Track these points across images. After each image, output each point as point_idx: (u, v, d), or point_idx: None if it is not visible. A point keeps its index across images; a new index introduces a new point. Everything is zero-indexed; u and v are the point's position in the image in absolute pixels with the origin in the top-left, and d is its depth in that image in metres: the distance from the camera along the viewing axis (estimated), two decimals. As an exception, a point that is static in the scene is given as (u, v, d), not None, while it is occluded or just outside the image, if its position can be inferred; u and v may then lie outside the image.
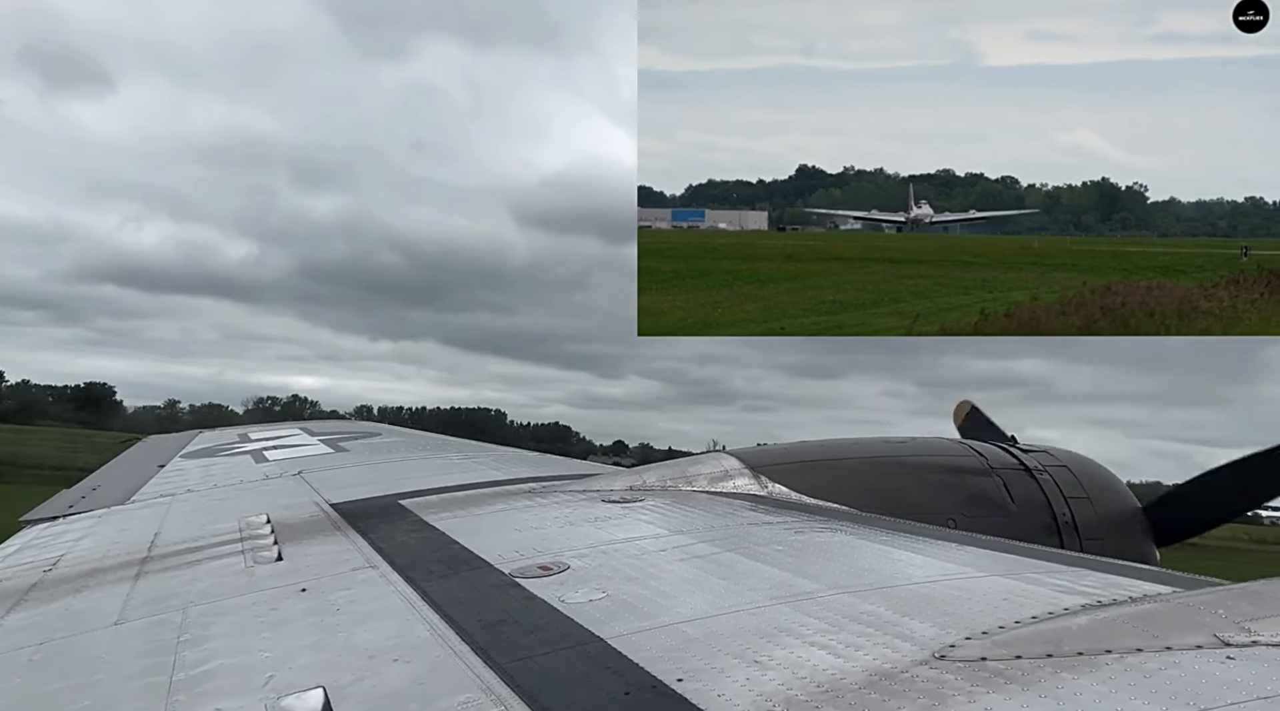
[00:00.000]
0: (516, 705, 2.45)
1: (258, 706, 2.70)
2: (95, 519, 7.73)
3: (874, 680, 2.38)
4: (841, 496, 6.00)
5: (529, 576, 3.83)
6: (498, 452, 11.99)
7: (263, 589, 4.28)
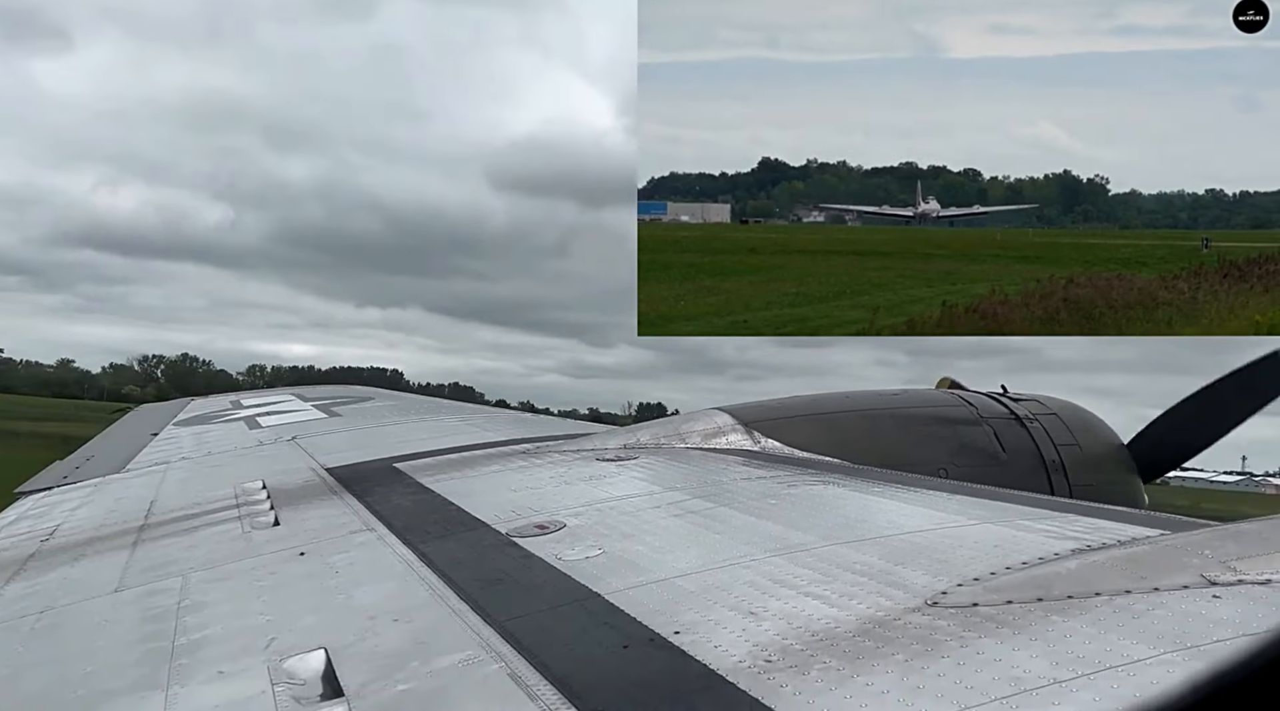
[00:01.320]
0: (516, 661, 2.48)
1: (260, 668, 2.73)
2: (91, 488, 7.74)
3: (868, 627, 2.42)
4: (834, 449, 6.05)
5: (525, 535, 3.86)
6: (490, 414, 12.02)
7: (261, 553, 4.30)
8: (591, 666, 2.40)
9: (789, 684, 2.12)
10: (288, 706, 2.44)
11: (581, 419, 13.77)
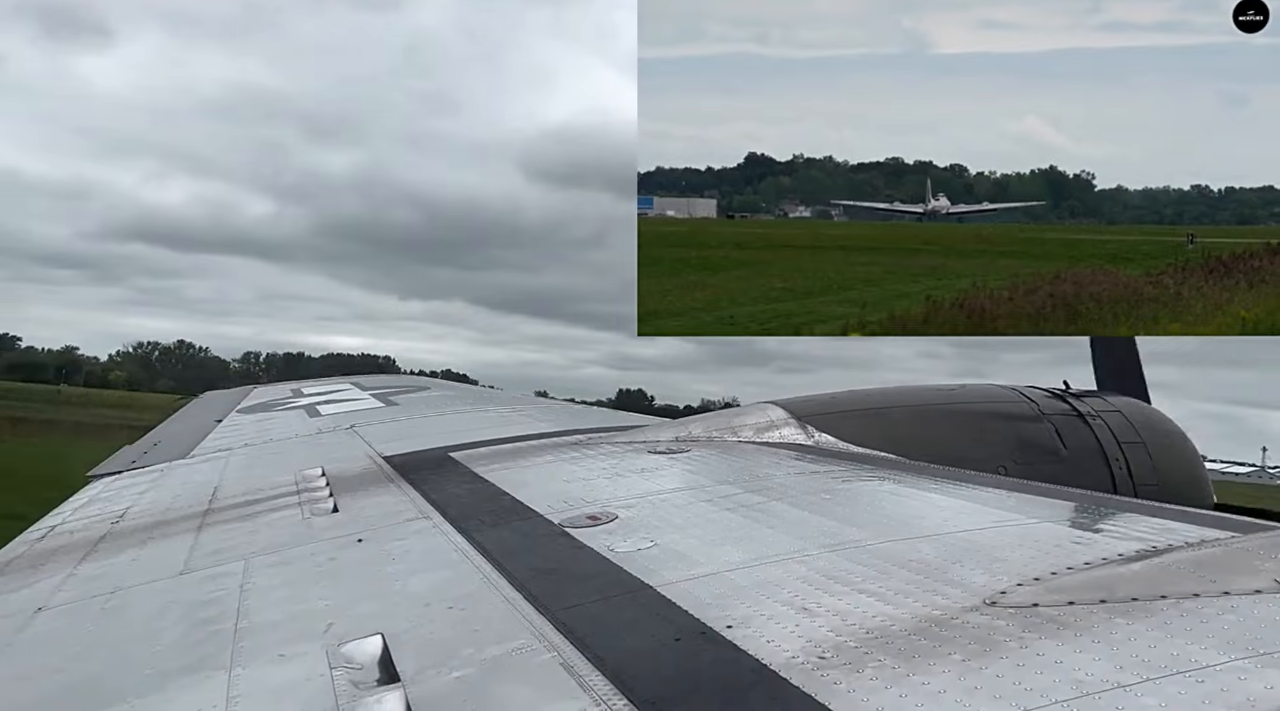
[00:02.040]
0: (568, 651, 2.49)
1: (319, 652, 2.78)
2: (158, 473, 7.97)
3: (924, 626, 2.38)
4: (889, 445, 5.97)
5: (578, 526, 3.88)
6: (544, 405, 12.10)
7: (320, 539, 4.39)
8: (643, 658, 2.40)
9: (843, 681, 2.10)
10: (345, 690, 2.48)
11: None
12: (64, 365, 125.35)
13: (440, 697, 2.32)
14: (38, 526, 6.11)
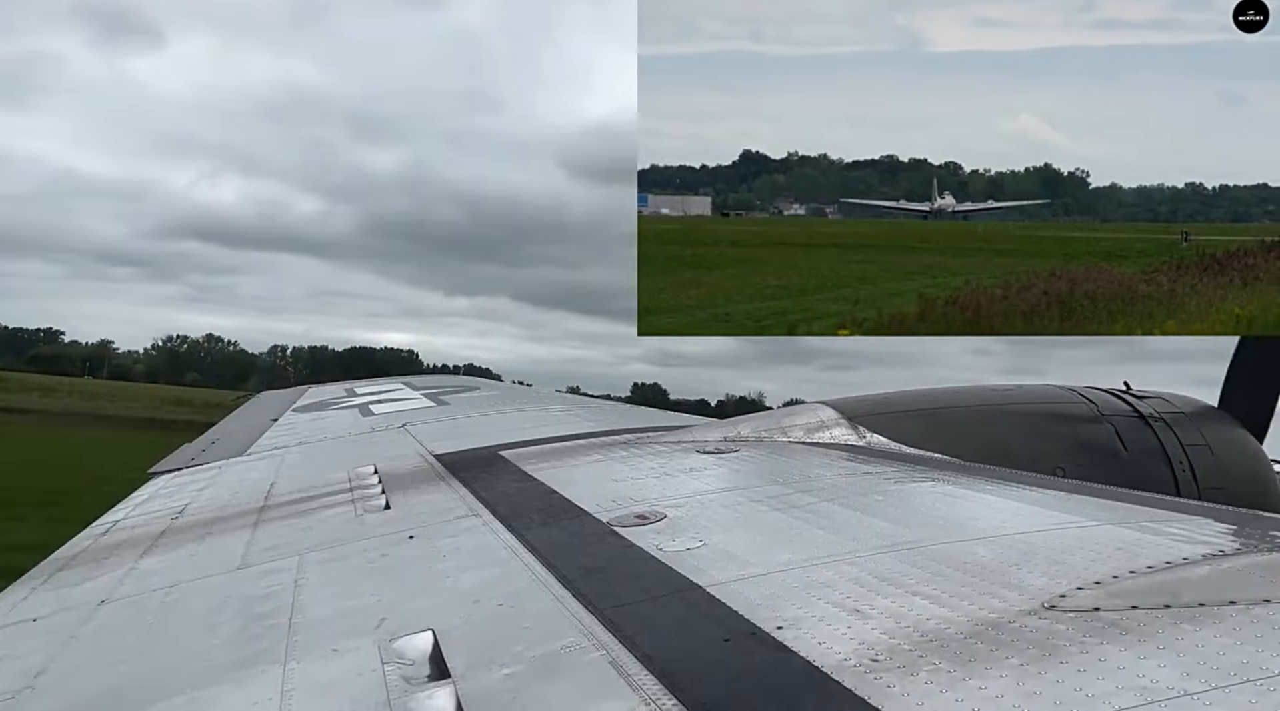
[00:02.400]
0: (617, 649, 2.49)
1: (371, 648, 2.81)
2: (216, 470, 8.15)
3: (980, 629, 2.33)
4: (943, 445, 5.86)
5: (626, 525, 3.87)
6: (593, 405, 12.14)
7: (372, 536, 4.44)
8: (693, 658, 2.38)
9: (896, 684, 2.06)
10: (397, 686, 2.50)
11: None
12: (90, 357, 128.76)
13: (490, 694, 2.33)
14: (102, 521, 6.29)
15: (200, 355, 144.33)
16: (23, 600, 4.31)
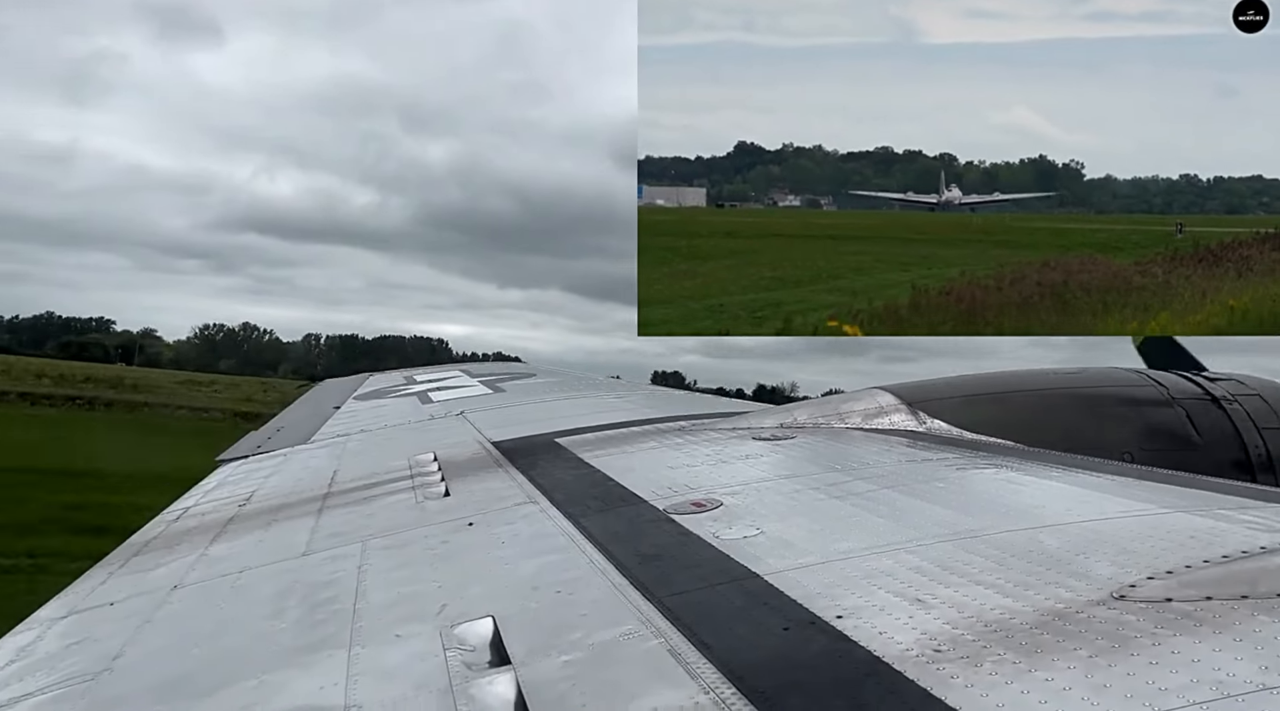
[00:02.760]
0: (676, 637, 2.49)
1: (433, 634, 2.86)
2: (281, 458, 8.34)
3: (1047, 620, 2.28)
4: (1006, 431, 5.74)
5: (683, 512, 3.87)
6: (648, 391, 12.15)
7: (432, 523, 4.51)
8: (751, 647, 2.37)
9: (960, 675, 2.03)
10: (459, 671, 2.54)
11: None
12: (121, 345, 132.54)
13: (550, 681, 2.35)
14: (173, 508, 6.48)
15: (236, 343, 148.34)
16: (101, 584, 4.46)
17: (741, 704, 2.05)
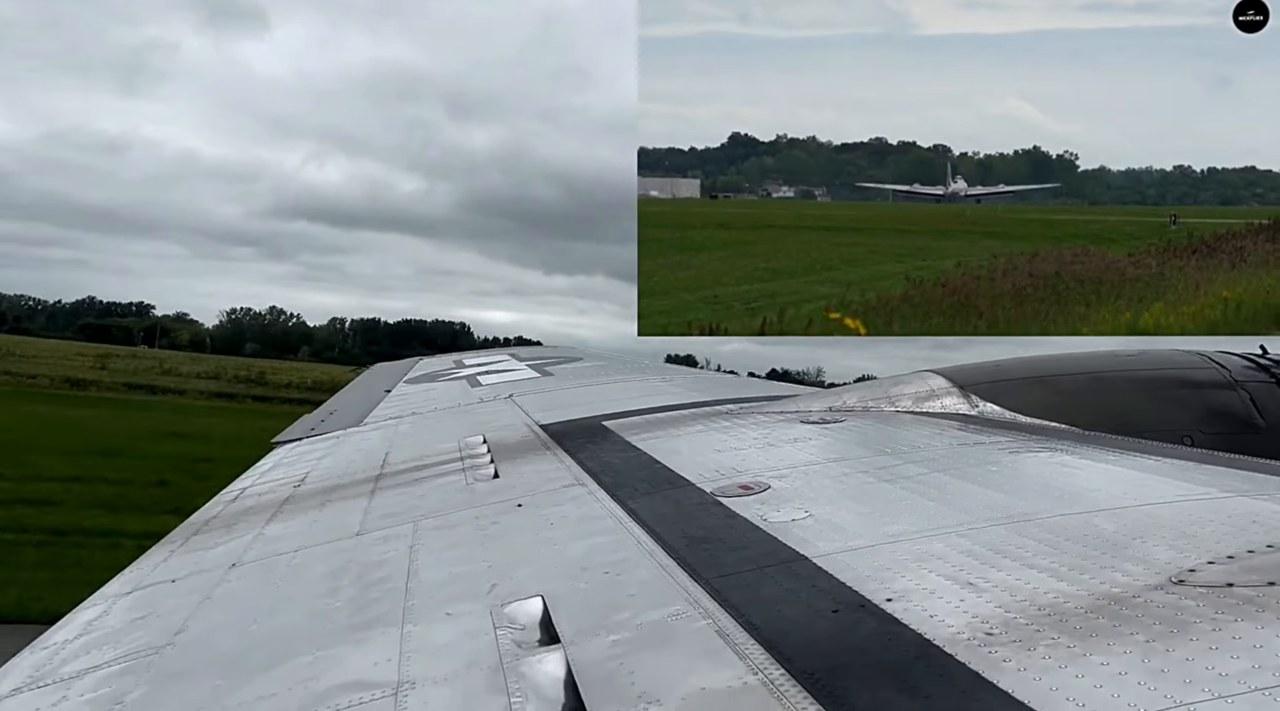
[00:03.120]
0: (724, 619, 2.49)
1: (484, 612, 2.89)
2: (334, 440, 8.49)
3: (1102, 604, 2.24)
4: (1061, 414, 5.63)
5: (730, 495, 3.86)
6: (694, 375, 12.14)
7: (482, 504, 4.56)
8: (800, 629, 2.36)
9: (1012, 658, 2.00)
10: (509, 650, 2.57)
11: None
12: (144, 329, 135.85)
13: (598, 660, 2.37)
14: (230, 488, 6.64)
15: (263, 326, 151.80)
16: (163, 562, 4.59)
17: (790, 685, 2.04)
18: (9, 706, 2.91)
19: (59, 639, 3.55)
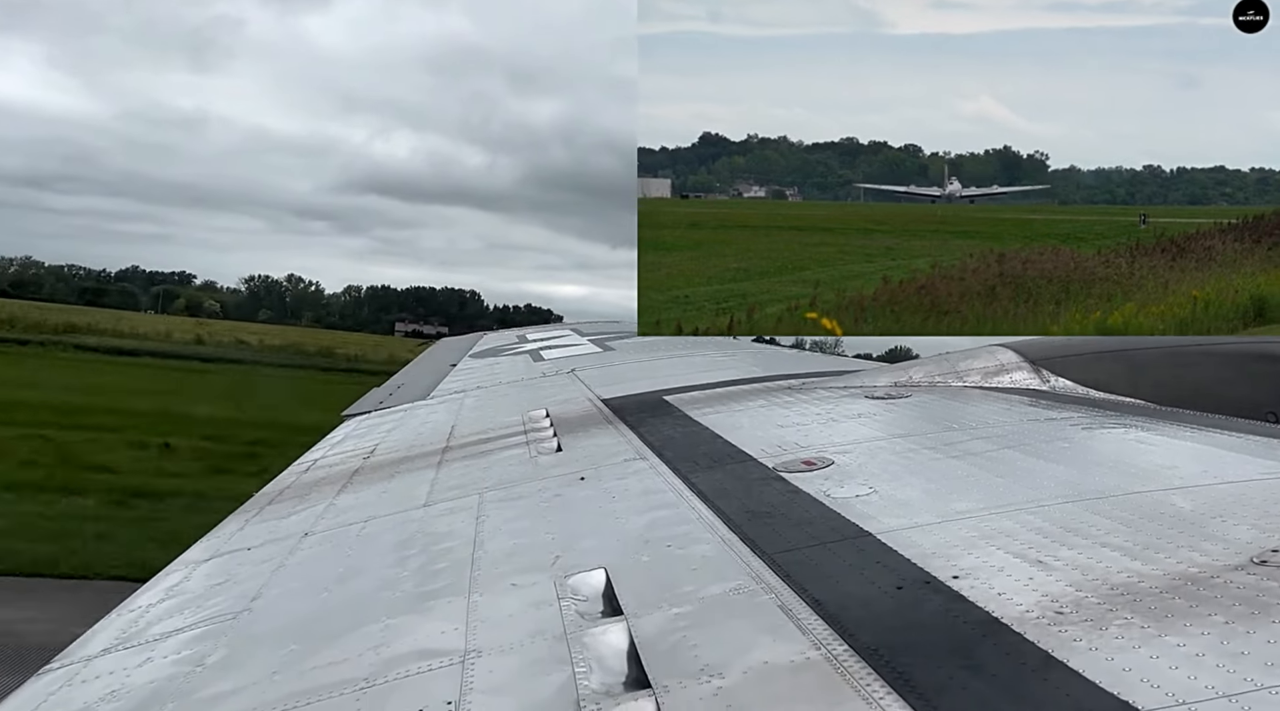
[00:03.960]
0: (786, 594, 2.48)
1: (548, 583, 2.93)
2: (402, 413, 8.66)
3: (1178, 584, 2.18)
4: (1138, 390, 5.46)
5: (793, 470, 3.84)
6: (756, 350, 12.06)
7: (546, 477, 4.61)
8: (863, 605, 2.35)
9: (1083, 638, 1.96)
10: (573, 620, 2.60)
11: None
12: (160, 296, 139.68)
13: (661, 633, 2.38)
14: (303, 460, 6.82)
15: (279, 294, 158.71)
16: (239, 530, 4.75)
17: (854, 660, 2.03)
18: (100, 665, 3.05)
19: (144, 602, 3.70)
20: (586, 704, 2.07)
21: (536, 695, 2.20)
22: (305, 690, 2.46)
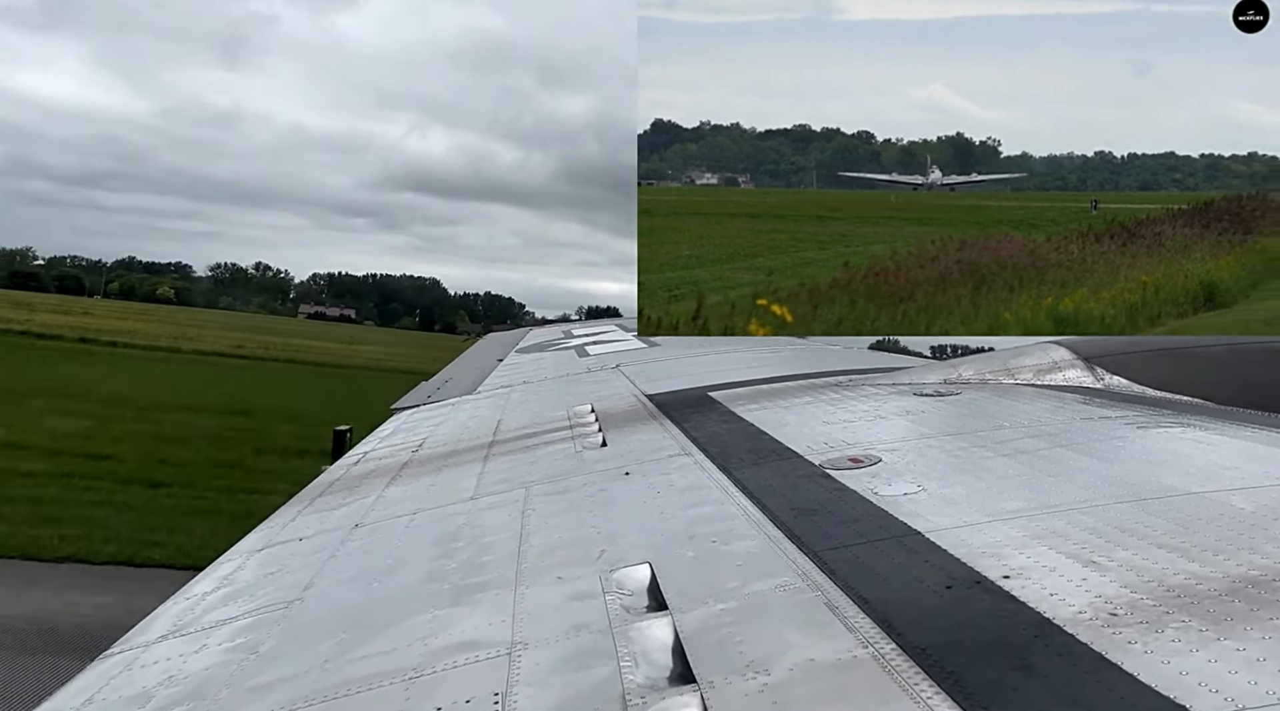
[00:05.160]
0: (833, 591, 2.46)
1: (593, 577, 2.94)
2: (450, 407, 8.76)
3: (1238, 587, 2.12)
4: (1195, 388, 5.32)
5: (840, 468, 3.81)
6: (803, 347, 11.98)
7: (591, 472, 4.63)
8: (911, 603, 2.32)
9: (1139, 640, 1.92)
10: (618, 614, 2.61)
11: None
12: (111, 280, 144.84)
13: (706, 628, 2.38)
14: (354, 452, 6.93)
15: (245, 282, 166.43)
16: (291, 521, 4.84)
17: (901, 659, 2.01)
18: (157, 651, 3.13)
19: (199, 591, 3.79)
20: (632, 697, 2.08)
21: (581, 688, 2.21)
22: (355, 679, 2.50)
